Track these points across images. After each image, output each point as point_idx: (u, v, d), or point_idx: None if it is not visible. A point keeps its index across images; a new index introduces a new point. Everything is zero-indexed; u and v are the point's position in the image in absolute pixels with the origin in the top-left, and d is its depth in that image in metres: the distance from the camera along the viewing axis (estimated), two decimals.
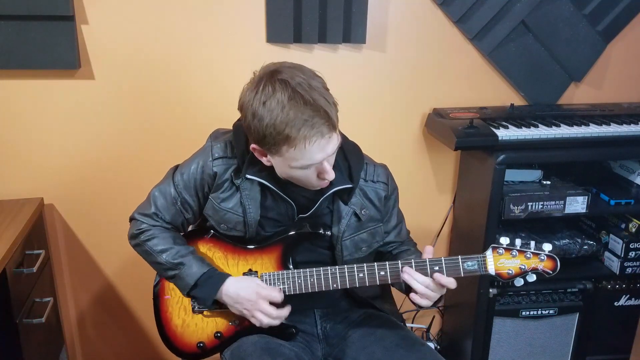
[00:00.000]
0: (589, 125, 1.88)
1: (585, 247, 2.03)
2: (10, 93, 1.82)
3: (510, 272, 1.26)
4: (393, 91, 2.05)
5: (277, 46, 1.93)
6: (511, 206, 1.87)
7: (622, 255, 1.98)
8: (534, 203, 1.88)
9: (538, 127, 1.86)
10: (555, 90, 2.13)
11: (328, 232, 1.36)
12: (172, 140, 1.96)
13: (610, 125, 1.89)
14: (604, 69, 2.14)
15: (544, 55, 2.06)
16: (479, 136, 1.80)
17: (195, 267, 1.31)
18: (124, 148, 1.95)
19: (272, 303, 1.30)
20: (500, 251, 1.27)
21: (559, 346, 2.09)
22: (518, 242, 1.27)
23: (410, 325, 2.32)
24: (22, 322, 1.63)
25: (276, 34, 1.89)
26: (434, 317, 2.37)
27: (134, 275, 2.08)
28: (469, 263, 1.27)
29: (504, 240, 1.27)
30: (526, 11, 1.98)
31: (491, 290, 1.96)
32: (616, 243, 2.01)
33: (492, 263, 1.26)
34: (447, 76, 2.06)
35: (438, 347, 2.34)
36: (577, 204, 1.90)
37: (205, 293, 1.31)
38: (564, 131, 1.84)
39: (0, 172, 1.89)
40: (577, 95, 2.17)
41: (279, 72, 1.15)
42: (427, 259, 1.27)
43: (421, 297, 1.26)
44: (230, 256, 1.39)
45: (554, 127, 1.86)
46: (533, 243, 1.28)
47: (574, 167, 2.10)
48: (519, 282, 1.27)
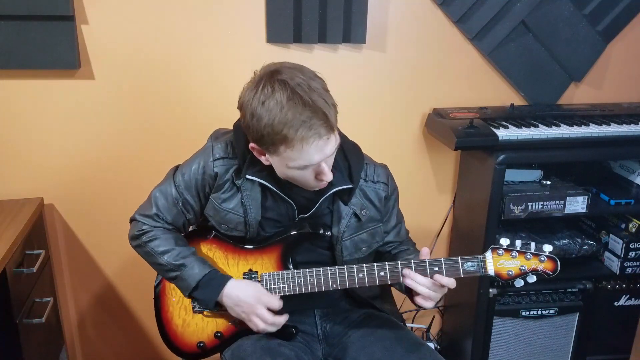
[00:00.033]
0: (589, 125, 1.88)
1: (585, 247, 2.03)
2: (10, 93, 1.82)
3: (510, 273, 1.26)
4: (393, 91, 2.05)
5: (277, 46, 1.92)
6: (511, 206, 1.87)
7: (622, 255, 1.98)
8: (534, 203, 1.88)
9: (538, 127, 1.86)
10: (555, 90, 2.13)
11: (328, 233, 1.36)
12: (172, 140, 1.96)
13: (610, 125, 1.89)
14: (604, 69, 2.14)
15: (544, 55, 2.06)
16: (479, 136, 1.80)
17: (196, 269, 1.31)
18: (124, 148, 1.95)
19: (270, 310, 1.30)
20: (500, 252, 1.27)
21: (559, 346, 2.09)
22: (518, 243, 1.27)
23: (410, 325, 2.32)
24: (22, 322, 1.63)
25: (276, 34, 1.89)
26: (434, 317, 2.37)
27: (134, 275, 2.08)
28: (469, 264, 1.27)
29: (504, 241, 1.27)
30: (526, 11, 1.98)
31: (491, 290, 1.96)
32: (616, 243, 2.01)
33: (492, 264, 1.26)
34: (447, 76, 2.06)
35: (438, 347, 2.34)
36: (577, 204, 1.90)
37: (206, 295, 1.31)
38: (564, 131, 1.84)
39: (0, 172, 1.89)
40: (577, 95, 2.17)
41: (279, 73, 1.15)
42: (427, 260, 1.27)
43: (425, 300, 1.26)
44: (230, 256, 1.39)
45: (554, 127, 1.86)
46: (533, 244, 1.28)
47: (574, 167, 2.10)
48: (520, 283, 1.27)
